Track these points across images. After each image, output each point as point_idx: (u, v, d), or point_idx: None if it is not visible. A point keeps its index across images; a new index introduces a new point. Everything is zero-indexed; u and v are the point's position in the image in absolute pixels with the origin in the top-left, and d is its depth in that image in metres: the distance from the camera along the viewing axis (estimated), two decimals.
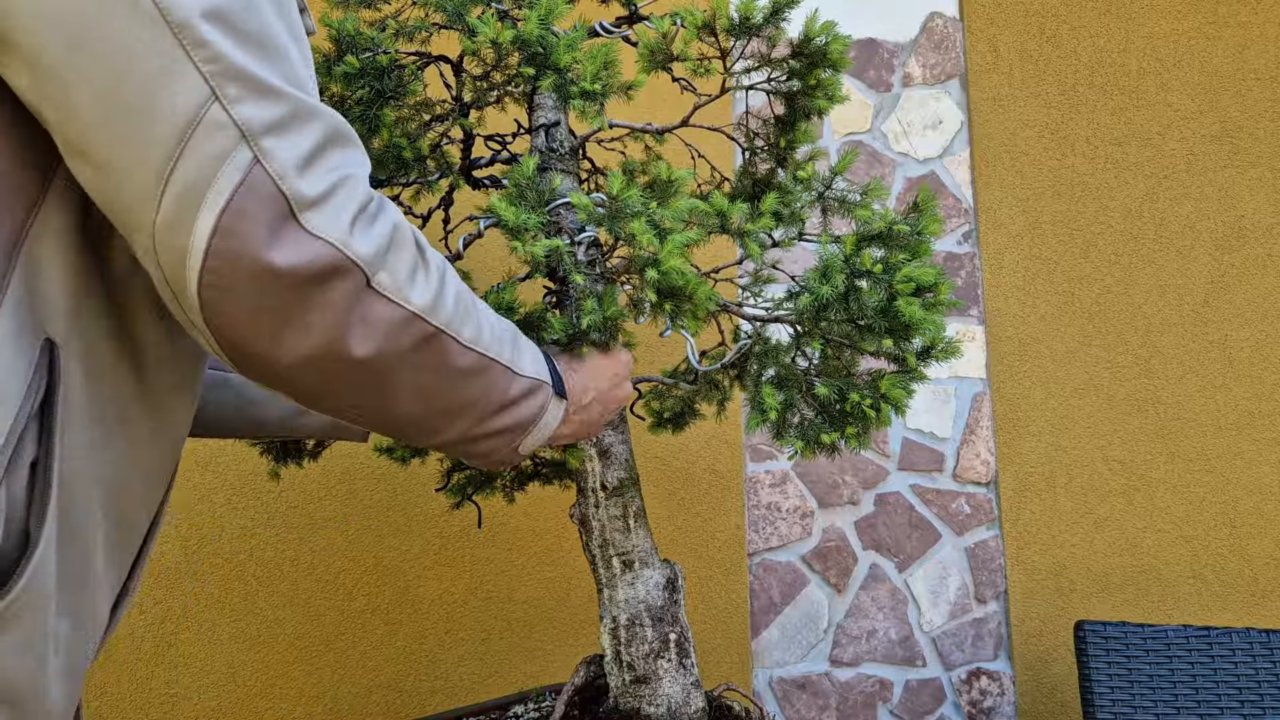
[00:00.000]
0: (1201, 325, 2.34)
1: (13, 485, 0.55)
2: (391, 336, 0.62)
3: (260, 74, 0.55)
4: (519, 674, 2.04)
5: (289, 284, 0.56)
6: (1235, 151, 2.42)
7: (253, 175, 0.54)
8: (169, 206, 0.53)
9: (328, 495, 2.02)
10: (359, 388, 0.63)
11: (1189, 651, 1.77)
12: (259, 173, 0.54)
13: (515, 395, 0.75)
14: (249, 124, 0.54)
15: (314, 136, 0.57)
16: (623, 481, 1.16)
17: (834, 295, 1.02)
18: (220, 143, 0.53)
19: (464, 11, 1.05)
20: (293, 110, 0.56)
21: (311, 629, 1.97)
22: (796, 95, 1.18)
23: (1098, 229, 2.37)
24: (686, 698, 1.13)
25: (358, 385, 0.63)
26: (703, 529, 2.15)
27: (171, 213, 0.53)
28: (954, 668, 2.18)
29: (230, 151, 0.53)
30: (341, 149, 0.59)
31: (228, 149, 0.53)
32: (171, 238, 0.54)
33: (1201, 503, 2.26)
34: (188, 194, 0.53)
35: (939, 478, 2.26)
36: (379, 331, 0.61)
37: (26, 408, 0.55)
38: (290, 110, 0.56)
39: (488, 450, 0.78)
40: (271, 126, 0.55)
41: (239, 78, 0.54)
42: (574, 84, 0.98)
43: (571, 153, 1.18)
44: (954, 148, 2.41)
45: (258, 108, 0.54)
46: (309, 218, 0.56)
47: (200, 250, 0.54)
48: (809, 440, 1.09)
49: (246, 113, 0.54)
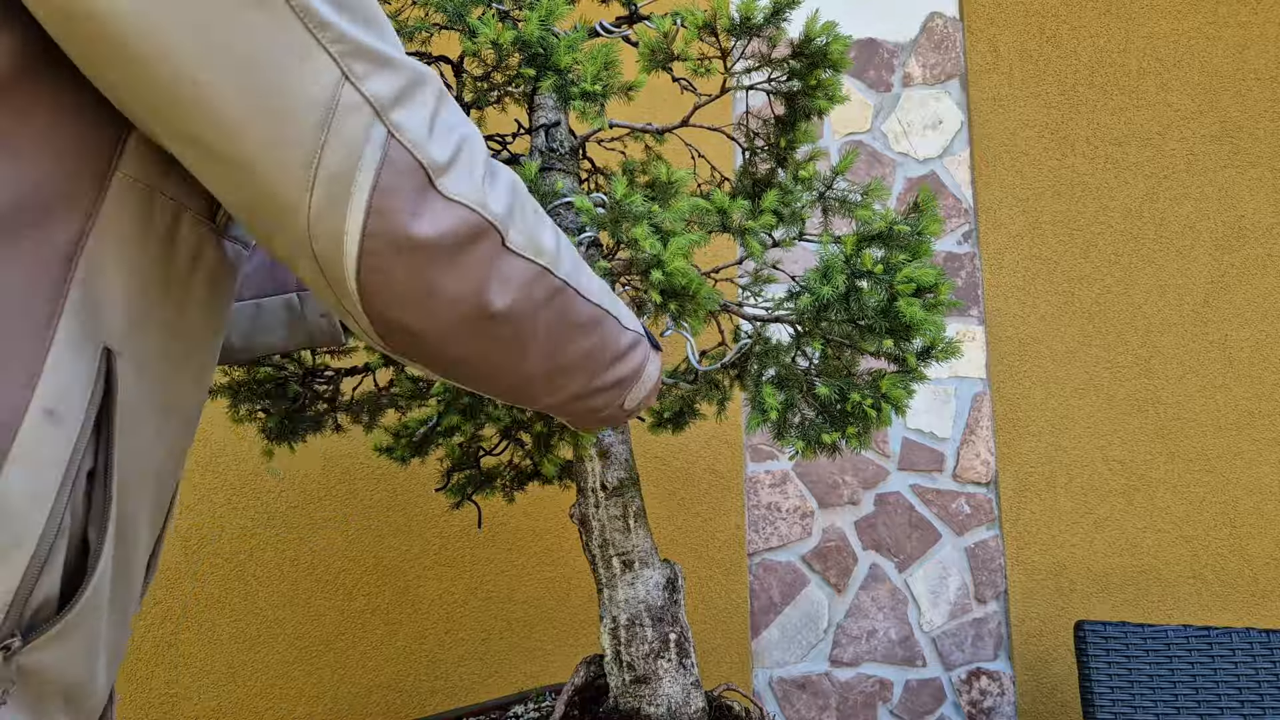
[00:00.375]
0: (1201, 325, 2.34)
1: (73, 497, 0.53)
2: (526, 291, 0.62)
3: (378, 47, 0.54)
4: (519, 674, 2.04)
5: (440, 252, 0.56)
6: (1235, 151, 2.42)
7: (392, 151, 0.54)
8: (321, 196, 0.53)
9: (328, 495, 2.02)
10: (497, 349, 0.64)
11: (1189, 651, 1.77)
12: (396, 147, 0.54)
13: (624, 348, 0.76)
14: (379, 99, 0.54)
15: (430, 99, 0.56)
16: (623, 481, 1.16)
17: (834, 295, 1.02)
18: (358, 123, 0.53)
19: (464, 12, 1.05)
20: (410, 78, 0.56)
21: (311, 629, 1.97)
22: (797, 95, 1.18)
23: (1098, 229, 2.37)
24: (686, 698, 1.13)
25: (496, 346, 0.63)
26: (703, 529, 2.15)
27: (324, 202, 0.53)
28: (954, 668, 2.18)
29: (369, 130, 0.53)
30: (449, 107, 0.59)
31: (366, 128, 0.53)
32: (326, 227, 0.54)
33: (1201, 503, 2.26)
34: (337, 180, 0.53)
35: (939, 478, 2.27)
36: (515, 287, 0.61)
37: (89, 423, 0.54)
38: (409, 78, 0.55)
39: (600, 406, 0.78)
40: (398, 98, 0.54)
41: (362, 54, 0.53)
42: (574, 84, 0.98)
43: (572, 153, 1.18)
44: (954, 148, 2.41)
45: (383, 81, 0.54)
46: (446, 183, 0.56)
47: (356, 235, 0.54)
48: (810, 440, 1.09)
49: (375, 88, 0.54)
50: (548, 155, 1.15)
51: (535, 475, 1.42)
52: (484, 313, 0.60)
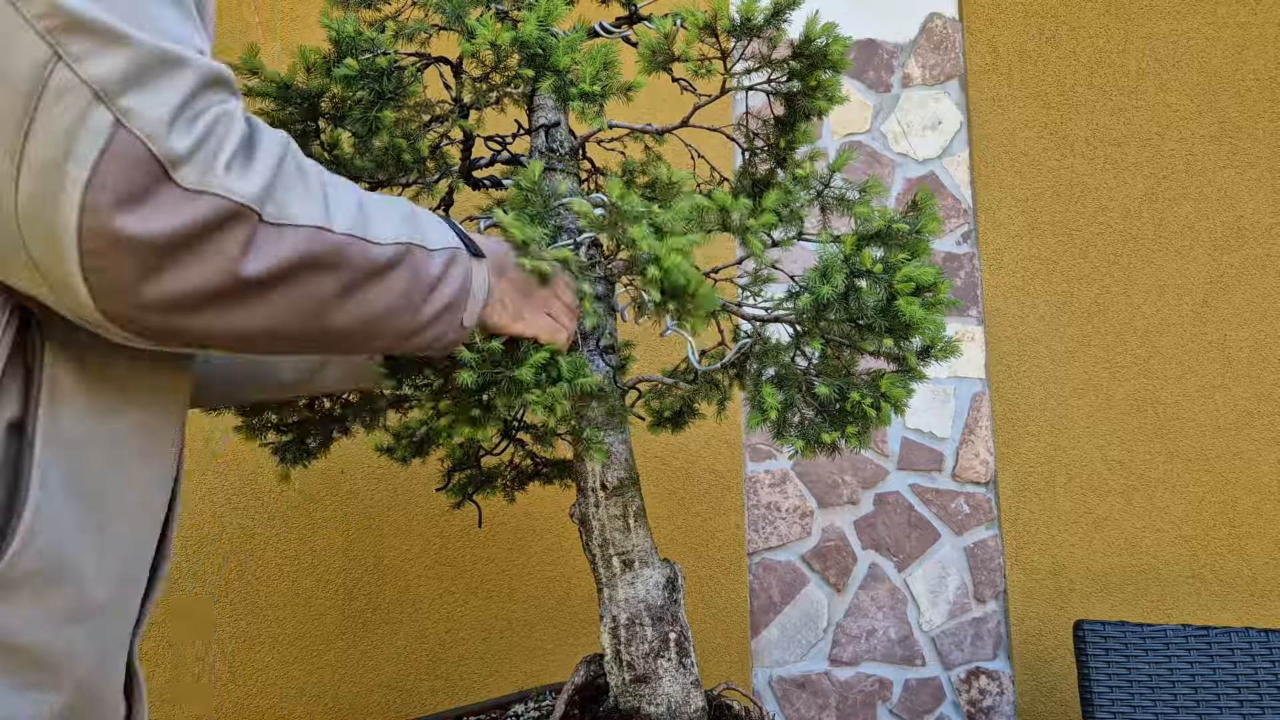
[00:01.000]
0: (1200, 325, 2.34)
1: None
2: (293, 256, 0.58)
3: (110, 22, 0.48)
4: (519, 673, 2.04)
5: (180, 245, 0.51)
6: (1234, 152, 2.42)
7: (117, 140, 0.48)
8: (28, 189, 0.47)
9: (328, 495, 2.02)
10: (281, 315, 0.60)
11: (1188, 651, 1.77)
12: (124, 136, 0.48)
13: (438, 271, 0.72)
14: (103, 82, 0.48)
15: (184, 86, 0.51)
16: (622, 481, 1.16)
17: (834, 295, 1.03)
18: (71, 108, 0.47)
19: (463, 13, 1.05)
20: (157, 59, 0.50)
21: (312, 628, 1.98)
22: (796, 96, 1.18)
23: (1097, 229, 2.37)
24: (686, 697, 1.14)
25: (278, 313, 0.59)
26: (702, 529, 2.16)
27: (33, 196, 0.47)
28: (953, 667, 2.18)
29: (84, 116, 0.47)
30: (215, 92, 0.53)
31: (81, 114, 0.47)
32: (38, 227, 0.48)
33: (1200, 502, 2.27)
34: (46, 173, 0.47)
35: (938, 477, 2.27)
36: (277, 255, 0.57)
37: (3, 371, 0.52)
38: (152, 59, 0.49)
39: (437, 336, 0.75)
40: (131, 80, 0.48)
41: (83, 29, 0.47)
42: (574, 85, 0.98)
43: (571, 153, 1.18)
44: (953, 148, 2.41)
45: (111, 61, 0.48)
46: (186, 174, 0.50)
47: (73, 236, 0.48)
48: (809, 439, 1.09)
49: (97, 70, 0.47)
50: (548, 156, 1.15)
51: (535, 475, 1.42)
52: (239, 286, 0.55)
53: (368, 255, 0.64)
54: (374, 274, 0.65)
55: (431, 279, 0.71)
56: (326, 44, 1.06)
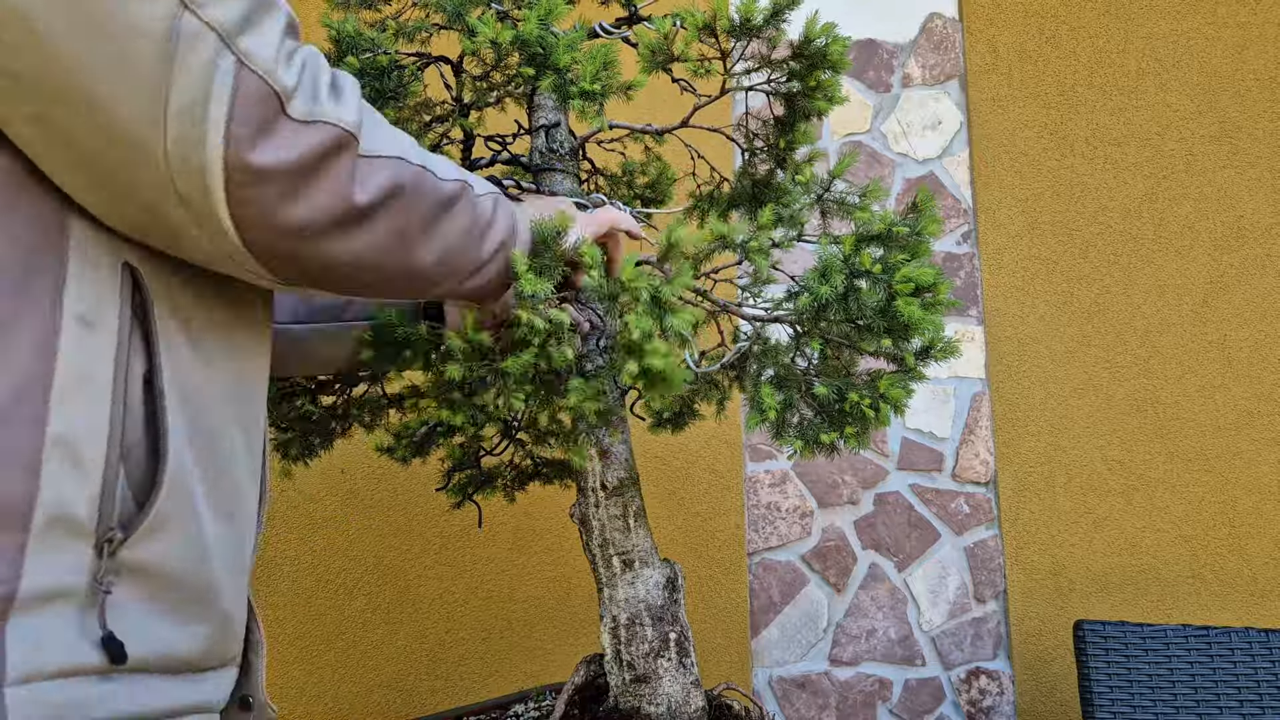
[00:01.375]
0: (1200, 325, 2.34)
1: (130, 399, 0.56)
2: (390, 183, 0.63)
3: None
4: (519, 673, 2.04)
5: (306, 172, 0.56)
6: (1234, 152, 2.42)
7: (243, 79, 0.53)
8: (175, 132, 0.52)
9: (328, 495, 2.03)
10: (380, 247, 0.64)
11: (1188, 651, 1.77)
12: (248, 75, 0.53)
13: (490, 214, 0.76)
14: (223, 25, 0.52)
15: (279, 26, 0.56)
16: (623, 481, 1.16)
17: (833, 295, 1.03)
18: (204, 52, 0.51)
19: (464, 12, 1.05)
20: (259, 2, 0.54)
21: (312, 628, 1.98)
22: (796, 96, 1.18)
23: (1097, 229, 2.37)
24: (686, 697, 1.14)
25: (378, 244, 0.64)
26: (702, 528, 2.16)
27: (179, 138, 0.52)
28: (953, 667, 2.19)
29: (216, 59, 0.52)
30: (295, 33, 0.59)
31: (213, 57, 0.52)
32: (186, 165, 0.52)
33: (1200, 502, 2.27)
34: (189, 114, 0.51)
35: (938, 477, 2.27)
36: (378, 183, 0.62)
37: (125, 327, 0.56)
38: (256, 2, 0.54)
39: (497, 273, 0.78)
40: (245, 23, 0.53)
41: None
42: (574, 84, 0.98)
43: (571, 153, 1.18)
44: (953, 148, 2.41)
45: (227, 6, 0.52)
46: (297, 105, 0.55)
47: (219, 170, 0.53)
48: (808, 440, 1.09)
49: (217, 14, 0.52)
50: (548, 156, 1.15)
51: (536, 475, 1.42)
52: (353, 212, 0.60)
53: (439, 188, 0.68)
54: (445, 206, 0.69)
55: (487, 215, 0.75)
56: (327, 43, 1.06)
